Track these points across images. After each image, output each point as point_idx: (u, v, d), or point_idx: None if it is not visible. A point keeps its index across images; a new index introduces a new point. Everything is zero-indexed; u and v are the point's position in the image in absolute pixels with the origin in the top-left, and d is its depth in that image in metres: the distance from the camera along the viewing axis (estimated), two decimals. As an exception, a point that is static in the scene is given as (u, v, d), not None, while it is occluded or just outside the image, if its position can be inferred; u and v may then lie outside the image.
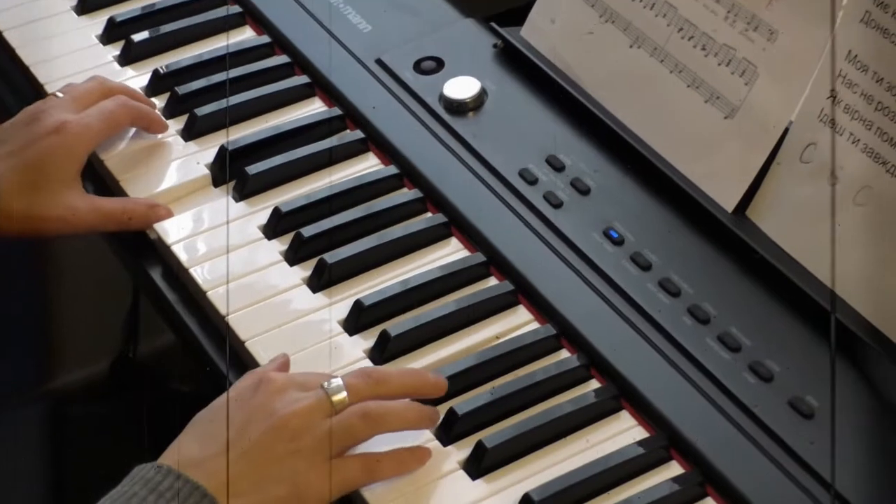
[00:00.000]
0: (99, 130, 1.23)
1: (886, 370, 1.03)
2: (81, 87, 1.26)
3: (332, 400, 0.99)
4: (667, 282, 1.11)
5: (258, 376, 1.01)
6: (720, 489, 0.99)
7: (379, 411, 0.99)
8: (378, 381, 1.01)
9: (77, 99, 1.24)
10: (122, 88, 1.28)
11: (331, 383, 0.99)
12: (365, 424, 0.99)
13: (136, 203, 1.21)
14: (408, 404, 1.01)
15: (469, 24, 1.35)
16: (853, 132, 1.08)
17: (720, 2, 1.17)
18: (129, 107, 1.25)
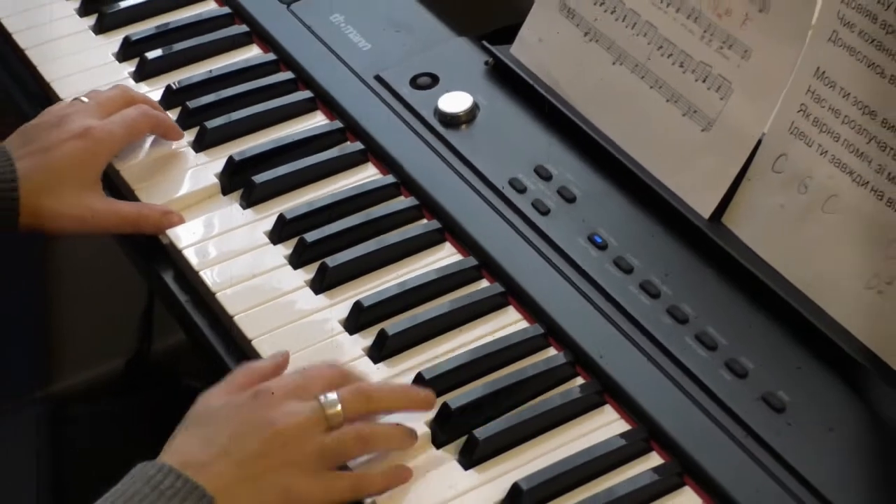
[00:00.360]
0: (121, 137, 1.22)
1: (855, 369, 1.03)
2: (106, 93, 1.26)
3: (326, 414, 0.98)
4: (647, 284, 1.10)
5: (256, 386, 1.00)
6: (697, 478, 0.98)
7: (370, 434, 1.00)
8: (370, 397, 1.01)
9: (101, 105, 1.24)
10: (144, 98, 1.28)
11: (327, 397, 0.98)
12: (356, 445, 0.99)
13: (152, 209, 1.21)
14: (394, 428, 1.01)
15: (462, 43, 1.35)
16: (822, 144, 1.08)
17: (697, 21, 1.17)
18: (150, 115, 1.25)
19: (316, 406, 0.98)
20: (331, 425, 0.98)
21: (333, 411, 0.98)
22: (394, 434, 1.01)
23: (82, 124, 1.21)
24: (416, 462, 1.00)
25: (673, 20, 1.18)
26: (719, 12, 1.15)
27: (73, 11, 1.43)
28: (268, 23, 1.38)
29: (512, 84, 1.29)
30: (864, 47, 1.05)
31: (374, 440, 1.00)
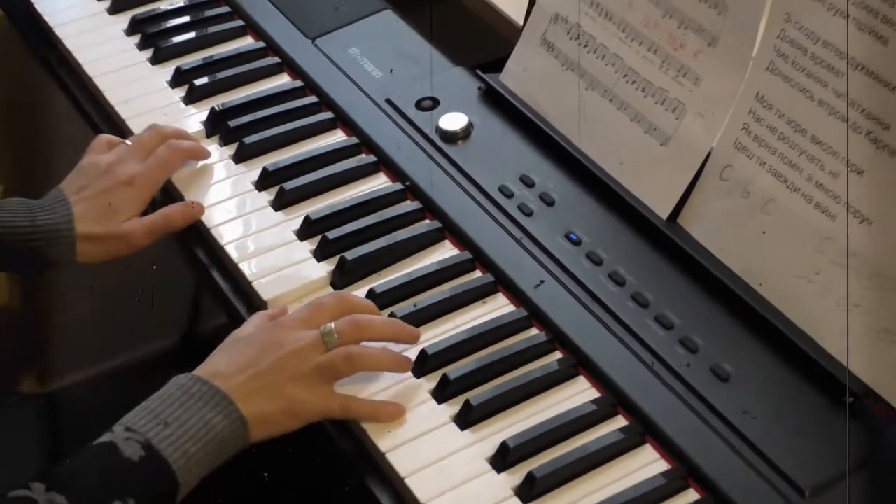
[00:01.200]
0: (159, 179, 1.23)
1: (788, 344, 1.03)
2: (143, 136, 1.25)
3: (324, 340, 1.01)
4: (615, 274, 1.10)
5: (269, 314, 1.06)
6: (656, 437, 0.98)
7: (359, 354, 1.02)
8: (362, 327, 1.03)
9: (141, 147, 1.24)
10: (174, 132, 1.27)
11: (326, 327, 1.02)
12: (345, 363, 1.01)
13: (173, 207, 1.21)
14: (384, 351, 1.04)
15: (459, 71, 1.34)
16: (761, 157, 1.08)
17: (657, 54, 1.16)
18: (179, 150, 1.24)
19: (317, 334, 1.01)
20: (328, 349, 1.01)
21: (330, 337, 1.01)
22: (381, 356, 1.03)
23: (128, 172, 1.21)
24: (420, 425, 1.00)
25: (636, 53, 1.18)
26: (675, 46, 1.15)
27: (134, 46, 1.42)
28: (296, 55, 1.38)
29: (501, 106, 1.28)
30: (797, 75, 1.04)
31: (362, 359, 1.02)
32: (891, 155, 0.97)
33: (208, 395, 0.97)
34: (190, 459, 0.94)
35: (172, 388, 0.98)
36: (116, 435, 0.94)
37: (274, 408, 0.99)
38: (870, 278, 0.99)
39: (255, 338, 1.02)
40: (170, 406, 0.96)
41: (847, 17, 1.00)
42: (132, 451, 0.93)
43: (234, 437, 0.97)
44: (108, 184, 1.20)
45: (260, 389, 0.99)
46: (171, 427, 0.95)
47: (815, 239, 1.02)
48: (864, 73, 0.99)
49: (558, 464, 0.95)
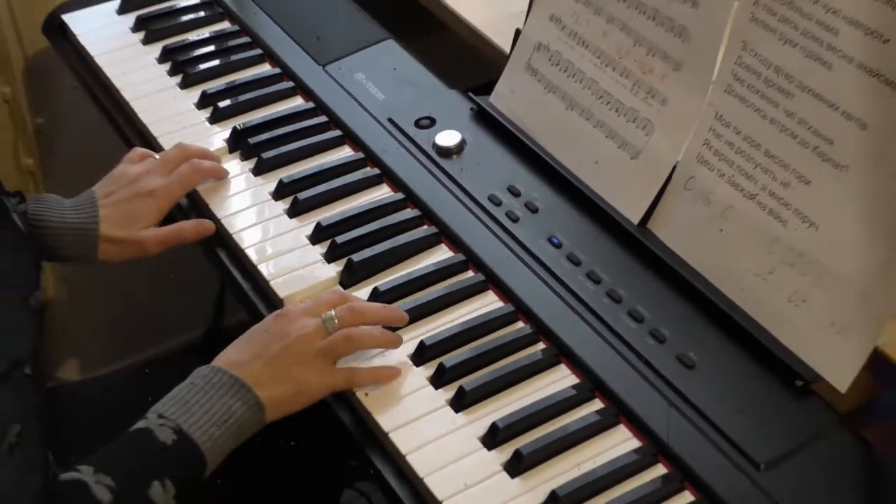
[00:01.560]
0: (178, 193, 1.23)
1: (745, 335, 1.03)
2: (170, 153, 1.26)
3: (326, 326, 1.03)
4: (592, 273, 1.10)
5: (279, 311, 1.06)
6: (629, 418, 0.99)
7: (357, 334, 1.04)
8: (360, 312, 1.05)
9: (166, 164, 1.24)
10: (198, 151, 1.27)
11: (327, 314, 1.03)
12: (345, 343, 1.03)
13: (186, 223, 1.22)
14: (378, 330, 1.05)
15: (453, 94, 1.34)
16: (721, 169, 1.08)
17: (628, 78, 1.17)
18: (199, 170, 1.24)
19: (318, 321, 1.03)
20: (329, 333, 1.03)
21: (330, 323, 1.03)
22: (375, 335, 1.05)
23: (151, 185, 1.22)
24: (419, 407, 1.01)
25: (610, 77, 1.18)
26: (644, 71, 1.15)
27: (165, 72, 1.42)
28: (308, 79, 1.38)
29: (491, 125, 1.28)
30: (752, 97, 1.05)
31: (360, 339, 1.03)
32: (834, 167, 0.98)
33: (228, 383, 0.99)
34: (216, 441, 0.96)
35: (196, 378, 1.00)
36: (151, 421, 0.96)
37: (285, 390, 1.00)
38: (817, 276, 0.99)
39: (265, 329, 1.04)
40: (196, 395, 0.98)
41: (796, 46, 1.01)
42: (166, 435, 0.95)
43: (252, 419, 0.99)
44: (132, 193, 1.21)
45: (272, 375, 1.00)
46: (198, 413, 0.97)
47: (769, 241, 1.03)
48: (811, 94, 1.00)
49: (542, 442, 0.96)
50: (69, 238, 1.19)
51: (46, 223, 1.18)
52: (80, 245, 1.20)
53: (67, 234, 1.19)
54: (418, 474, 0.95)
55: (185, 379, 1.01)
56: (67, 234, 1.19)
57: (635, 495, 0.93)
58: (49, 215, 1.19)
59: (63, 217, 1.19)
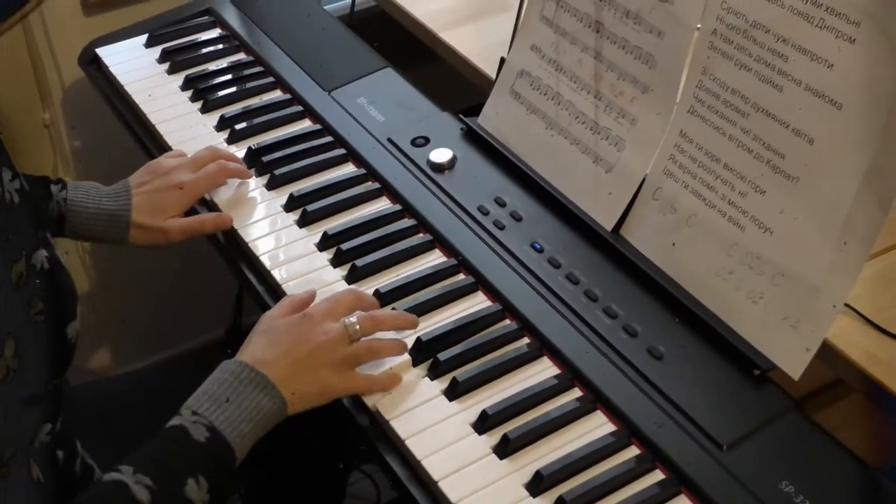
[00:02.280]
0: (203, 189, 1.23)
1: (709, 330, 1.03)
2: (201, 153, 1.26)
3: (349, 332, 1.00)
4: (571, 275, 1.10)
5: (297, 303, 1.04)
6: (605, 404, 0.98)
7: (378, 346, 1.02)
8: (379, 321, 1.03)
9: (196, 162, 1.24)
10: (227, 154, 1.27)
11: (350, 320, 1.01)
12: (368, 353, 1.01)
13: (208, 215, 1.21)
14: (392, 342, 1.03)
15: (446, 116, 1.33)
16: (685, 181, 1.07)
17: (601, 100, 1.16)
18: (225, 169, 1.24)
19: (342, 327, 1.00)
20: (352, 340, 1.00)
21: (354, 330, 1.01)
22: (392, 346, 1.02)
23: (180, 178, 1.21)
24: (416, 397, 0.99)
25: (585, 99, 1.18)
26: (616, 94, 1.14)
27: (187, 99, 1.41)
28: (315, 104, 1.37)
29: (479, 143, 1.28)
30: (712, 116, 1.04)
31: (380, 350, 1.02)
32: (786, 178, 0.98)
33: (256, 380, 0.95)
34: (245, 437, 0.93)
35: (225, 373, 0.96)
36: (185, 419, 0.93)
37: (309, 389, 0.98)
38: (772, 276, 0.99)
39: (290, 329, 1.00)
40: (226, 391, 0.95)
41: (751, 71, 1.00)
42: (199, 433, 0.91)
43: (276, 414, 0.96)
44: (163, 184, 1.21)
45: (297, 374, 0.97)
46: (229, 410, 0.93)
47: (728, 245, 1.02)
48: (764, 114, 0.99)
49: (527, 427, 0.95)
50: (104, 222, 1.19)
51: (84, 209, 1.19)
52: (113, 229, 1.20)
53: (102, 218, 1.19)
54: (416, 457, 0.94)
55: (212, 372, 0.98)
56: (102, 219, 1.19)
57: (611, 474, 0.92)
58: (87, 202, 1.20)
59: (100, 204, 1.20)
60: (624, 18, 1.12)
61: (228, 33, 1.52)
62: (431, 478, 0.92)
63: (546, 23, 1.21)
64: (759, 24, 0.99)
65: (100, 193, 1.21)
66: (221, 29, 1.54)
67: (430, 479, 0.92)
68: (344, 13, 1.70)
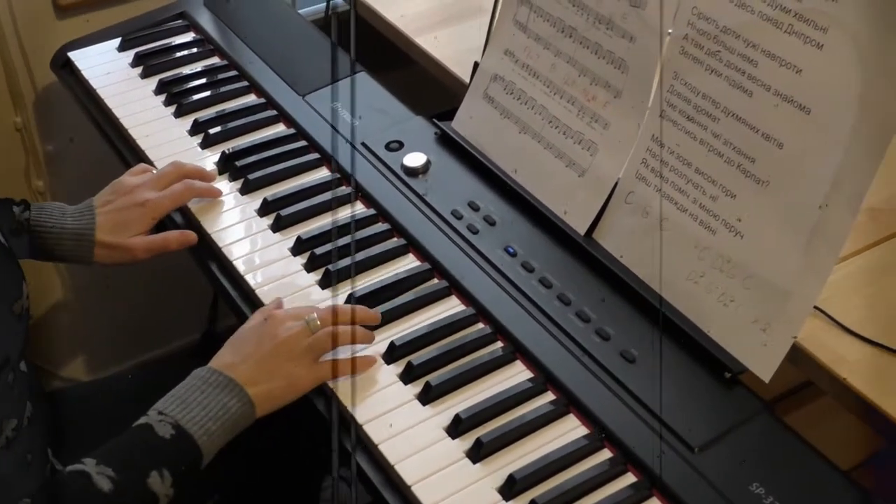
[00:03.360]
0: (167, 207, 1.22)
1: (680, 333, 1.03)
2: (165, 170, 1.25)
3: (310, 326, 1.02)
4: (544, 279, 1.10)
5: (266, 312, 1.05)
6: (578, 408, 0.99)
7: (340, 332, 1.03)
8: (338, 312, 1.04)
9: (160, 179, 1.23)
10: (193, 170, 1.25)
11: (311, 316, 1.02)
12: (328, 339, 1.02)
13: (171, 233, 1.20)
14: (356, 329, 1.04)
15: (420, 120, 1.33)
16: (657, 185, 1.08)
17: (574, 104, 1.16)
18: (192, 189, 1.23)
19: (303, 322, 1.02)
20: (313, 332, 1.02)
21: (314, 324, 1.02)
22: (355, 331, 1.03)
23: (143, 197, 1.21)
24: (389, 401, 0.99)
25: (559, 104, 1.18)
26: (588, 98, 1.15)
27: (161, 103, 1.41)
28: (289, 108, 1.37)
29: (453, 147, 1.28)
30: (683, 121, 1.05)
31: (342, 336, 1.03)
32: (756, 182, 0.98)
33: (223, 383, 0.98)
34: (211, 436, 0.95)
35: (194, 379, 0.99)
36: (151, 418, 0.95)
37: (276, 385, 0.99)
38: (742, 279, 0.99)
39: (255, 331, 1.03)
40: (193, 393, 0.97)
41: (721, 76, 1.01)
42: (165, 430, 0.93)
43: (244, 415, 0.98)
44: (125, 203, 1.20)
45: (263, 372, 0.99)
46: (195, 410, 0.95)
47: (700, 249, 1.03)
48: (734, 118, 1.00)
49: (500, 431, 0.95)
50: (68, 242, 1.19)
51: (48, 229, 1.19)
52: (78, 248, 1.20)
53: (66, 237, 1.19)
54: (390, 461, 0.94)
55: (184, 379, 0.99)
56: (66, 239, 1.19)
57: (584, 477, 0.92)
58: (51, 222, 1.19)
59: (63, 224, 1.19)
60: (596, 24, 1.13)
61: (202, 37, 1.52)
62: (405, 482, 0.92)
63: (519, 28, 1.22)
64: (730, 29, 0.99)
65: (63, 214, 1.21)
66: (195, 33, 1.53)
67: (404, 483, 0.92)
68: (318, 17, 1.70)
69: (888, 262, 1.10)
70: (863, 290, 1.06)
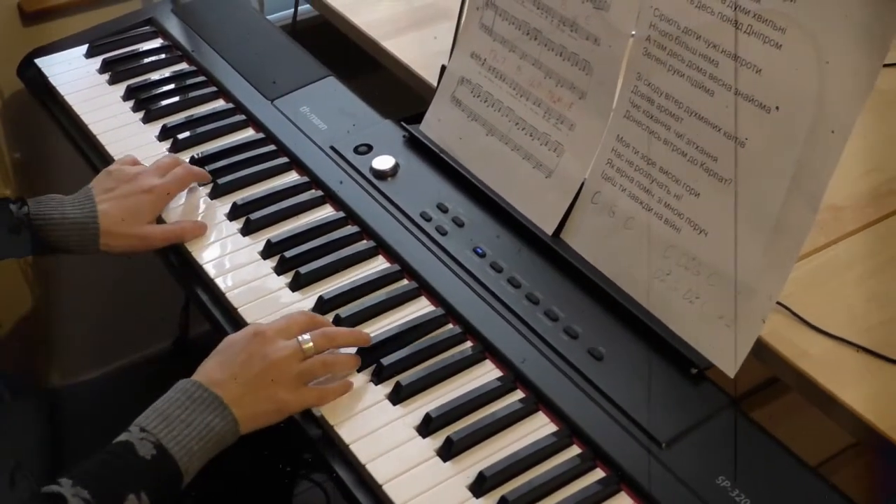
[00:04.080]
0: (174, 192, 1.22)
1: (647, 330, 1.04)
2: (162, 160, 1.25)
3: (303, 349, 1.00)
4: (513, 279, 1.10)
5: (255, 329, 1.02)
6: (547, 405, 0.99)
7: (332, 361, 1.01)
8: (331, 337, 1.02)
9: (160, 168, 1.23)
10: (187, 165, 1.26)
11: (303, 338, 1.01)
12: (322, 367, 1.01)
13: (187, 222, 1.20)
14: (345, 356, 1.02)
15: (388, 123, 1.34)
16: (622, 185, 1.09)
17: (540, 106, 1.17)
18: (192, 172, 1.24)
19: (296, 344, 1.00)
20: (306, 356, 1.00)
21: (307, 346, 1.00)
22: (344, 360, 1.02)
23: (150, 183, 1.20)
24: (360, 402, 1.00)
25: (525, 106, 1.19)
26: (554, 100, 1.16)
27: (129, 109, 1.41)
28: (258, 113, 1.37)
29: (421, 150, 1.28)
30: (647, 121, 1.06)
31: (333, 365, 1.01)
32: (719, 181, 1.00)
33: (208, 400, 0.95)
34: (193, 456, 0.93)
35: (178, 392, 0.95)
36: (133, 435, 0.92)
37: (262, 408, 0.97)
38: (707, 276, 1.01)
39: (243, 348, 0.99)
40: (176, 409, 0.94)
41: (683, 76, 1.03)
42: (146, 450, 0.90)
43: (228, 434, 0.95)
44: (132, 189, 1.19)
45: (251, 393, 0.96)
46: (178, 428, 0.92)
47: (665, 247, 1.04)
48: (697, 118, 1.01)
49: (470, 429, 0.96)
50: (71, 232, 1.17)
51: (50, 220, 1.16)
52: (82, 238, 1.17)
53: (69, 228, 1.17)
54: (361, 461, 0.94)
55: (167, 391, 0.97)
56: (67, 227, 1.17)
57: (553, 473, 0.93)
58: (52, 213, 1.17)
59: (64, 213, 1.17)
60: (561, 26, 1.14)
61: (170, 43, 1.52)
62: (376, 481, 0.93)
63: (485, 31, 1.23)
64: (691, 30, 1.01)
65: (62, 203, 1.18)
66: (163, 39, 1.53)
67: (375, 482, 0.93)
68: (286, 22, 1.70)
69: (849, 258, 1.12)
70: (825, 286, 1.08)
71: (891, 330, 1.03)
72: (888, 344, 1.01)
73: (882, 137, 1.28)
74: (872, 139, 1.26)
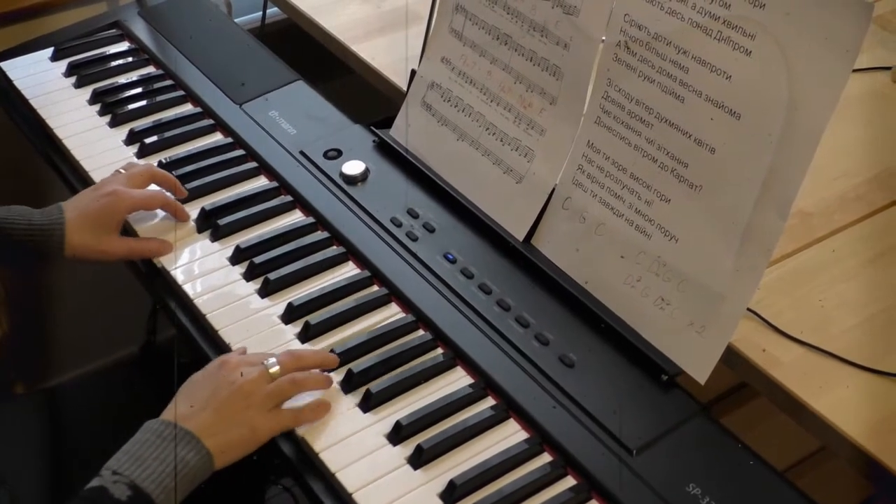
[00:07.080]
0: (137, 201, 1.18)
1: (617, 336, 1.04)
2: (136, 168, 1.22)
3: (270, 372, 0.98)
4: (483, 285, 1.10)
5: (218, 360, 1.00)
6: (518, 412, 0.99)
7: (301, 378, 0.99)
8: (298, 358, 1.01)
9: (131, 177, 1.21)
10: (163, 176, 1.23)
11: (269, 360, 0.99)
12: (291, 387, 0.98)
13: (151, 240, 1.18)
14: (316, 374, 1.01)
15: (358, 128, 1.33)
16: (593, 190, 1.09)
17: (511, 111, 1.17)
18: (166, 199, 1.21)
19: (262, 367, 0.98)
20: (273, 378, 0.98)
21: (274, 370, 0.98)
22: (315, 378, 1.00)
23: (112, 188, 1.18)
24: (331, 409, 0.99)
25: (495, 111, 1.18)
26: (524, 105, 1.15)
27: (95, 113, 1.39)
28: (226, 117, 1.35)
29: (391, 155, 1.28)
30: (618, 127, 1.06)
31: (303, 383, 0.99)
32: (689, 187, 1.00)
33: (179, 435, 0.92)
34: (170, 493, 0.90)
35: (147, 433, 0.93)
36: (105, 479, 0.89)
37: (235, 434, 0.94)
38: (677, 283, 1.00)
39: (209, 378, 0.98)
40: (147, 449, 0.91)
41: (654, 82, 1.02)
42: (120, 492, 0.88)
43: (203, 468, 0.93)
44: (94, 196, 1.18)
45: (222, 421, 0.94)
46: (152, 466, 0.90)
47: (636, 253, 1.04)
48: (667, 124, 1.01)
49: (441, 437, 0.95)
50: (37, 237, 1.15)
51: (16, 226, 1.15)
52: (48, 241, 1.15)
53: (35, 233, 1.15)
54: (331, 469, 0.93)
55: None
56: (35, 234, 1.15)
57: (524, 481, 0.92)
58: (18, 220, 1.16)
59: (31, 220, 1.16)
60: (531, 31, 1.14)
61: (137, 46, 1.50)
62: (346, 490, 0.92)
63: (455, 35, 1.22)
64: (661, 36, 1.01)
65: (30, 213, 1.17)
66: (130, 42, 1.52)
67: (345, 491, 0.92)
68: (255, 26, 1.69)
69: (819, 264, 1.12)
70: (795, 292, 1.08)
71: (860, 335, 1.03)
72: (857, 349, 1.01)
73: (850, 143, 1.28)
74: (841, 145, 1.26)
